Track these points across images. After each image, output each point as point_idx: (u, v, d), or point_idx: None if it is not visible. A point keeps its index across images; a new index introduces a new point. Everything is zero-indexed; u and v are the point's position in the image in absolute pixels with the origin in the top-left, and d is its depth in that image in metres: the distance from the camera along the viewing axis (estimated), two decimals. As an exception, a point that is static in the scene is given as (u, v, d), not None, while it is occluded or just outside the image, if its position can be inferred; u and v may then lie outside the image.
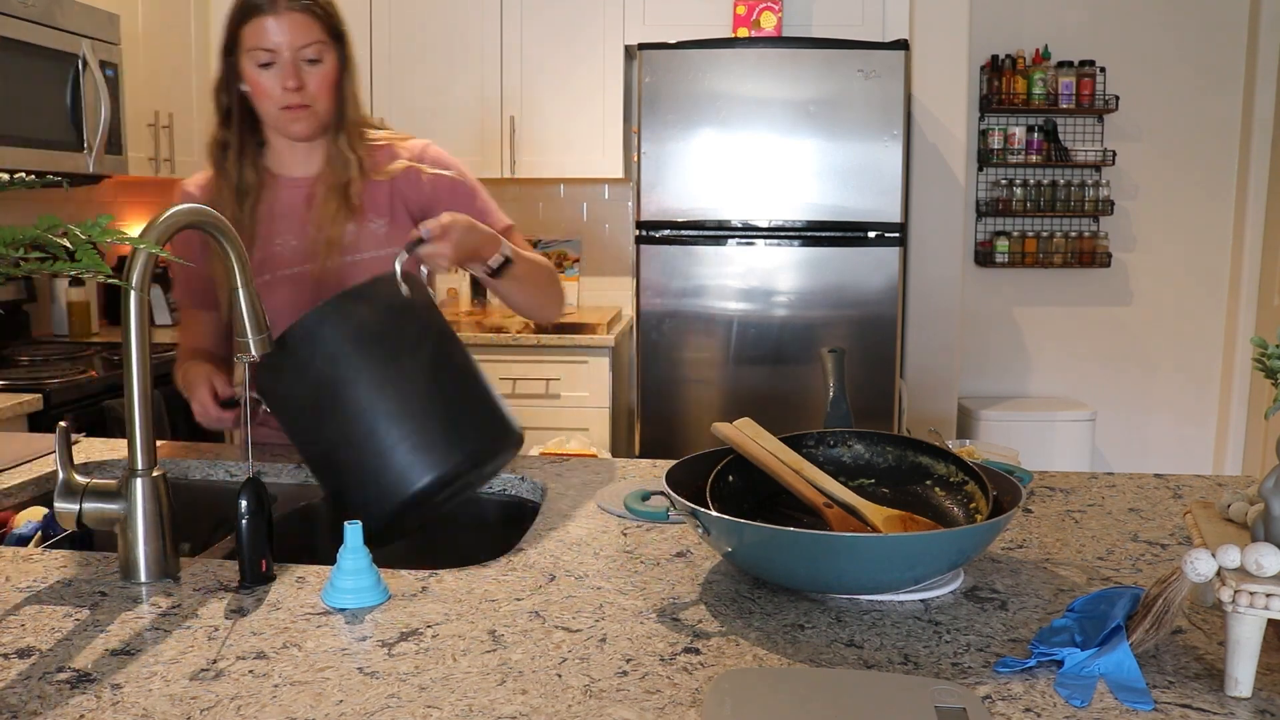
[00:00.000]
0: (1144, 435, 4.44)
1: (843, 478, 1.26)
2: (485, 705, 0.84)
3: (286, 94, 1.56)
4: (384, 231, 1.65)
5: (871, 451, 1.30)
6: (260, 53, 1.54)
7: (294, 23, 1.54)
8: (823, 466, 1.27)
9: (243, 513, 1.09)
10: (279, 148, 1.68)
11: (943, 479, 1.24)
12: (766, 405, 3.31)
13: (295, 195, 1.67)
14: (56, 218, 0.97)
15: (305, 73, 1.56)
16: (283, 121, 1.59)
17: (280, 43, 1.54)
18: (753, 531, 1.04)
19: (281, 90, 1.56)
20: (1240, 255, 4.22)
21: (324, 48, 1.57)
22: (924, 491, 1.25)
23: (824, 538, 1.04)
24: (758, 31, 3.49)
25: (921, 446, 1.27)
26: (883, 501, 1.23)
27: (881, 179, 3.22)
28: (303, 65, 1.56)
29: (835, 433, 1.31)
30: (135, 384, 1.11)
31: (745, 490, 1.23)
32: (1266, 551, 0.84)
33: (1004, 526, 1.07)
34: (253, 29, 1.54)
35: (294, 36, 1.54)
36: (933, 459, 1.26)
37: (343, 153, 1.63)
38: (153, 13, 3.37)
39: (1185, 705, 0.85)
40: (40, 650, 0.95)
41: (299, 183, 1.67)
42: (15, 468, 1.60)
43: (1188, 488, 1.54)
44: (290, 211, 1.66)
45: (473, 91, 3.69)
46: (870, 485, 1.27)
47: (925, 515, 1.20)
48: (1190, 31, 4.16)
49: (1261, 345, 0.94)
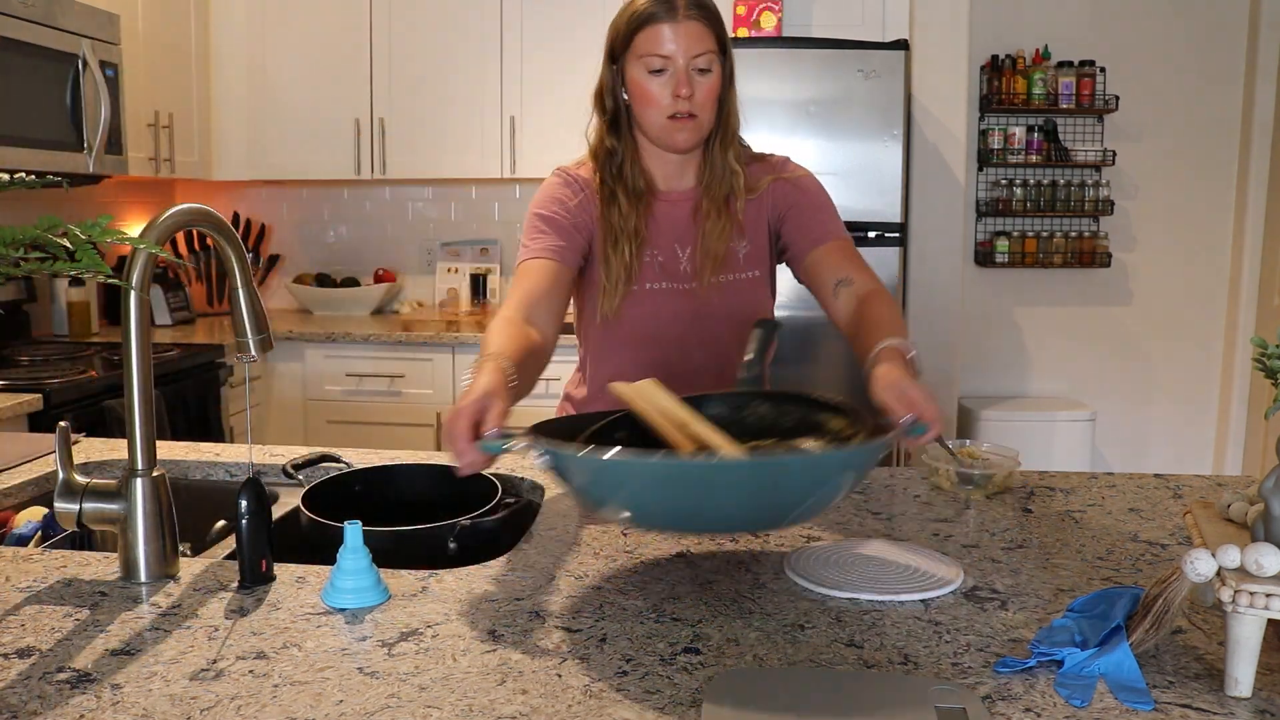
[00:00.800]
0: (1144, 435, 4.44)
1: (746, 438, 1.21)
2: (485, 705, 0.84)
3: (677, 102, 1.51)
4: (746, 252, 1.62)
5: (777, 411, 1.26)
6: (654, 59, 1.51)
7: (691, 31, 1.50)
8: (727, 427, 1.21)
9: (243, 513, 1.09)
10: (650, 162, 1.63)
11: (836, 434, 1.19)
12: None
13: (675, 209, 1.62)
14: (56, 218, 0.97)
15: (695, 82, 1.52)
16: (668, 130, 1.54)
17: (675, 50, 1.50)
18: (585, 463, 0.99)
19: (672, 98, 1.51)
20: (1240, 255, 4.22)
21: (714, 58, 1.53)
22: (816, 446, 1.20)
23: (657, 464, 0.99)
24: (757, 31, 3.49)
25: (823, 405, 1.23)
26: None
27: (881, 179, 3.22)
28: (693, 74, 1.52)
29: (739, 394, 1.29)
30: (135, 384, 1.11)
31: (635, 445, 1.17)
32: (1266, 551, 0.84)
33: (856, 456, 1.03)
34: (649, 35, 1.51)
35: (690, 45, 1.50)
36: (830, 414, 1.21)
37: (729, 165, 1.60)
38: (153, 13, 3.37)
39: (1185, 705, 0.85)
40: (40, 650, 0.95)
41: (676, 196, 1.63)
42: (15, 468, 1.60)
43: (1188, 488, 1.54)
44: (669, 226, 1.62)
45: (473, 91, 3.69)
46: (770, 445, 1.23)
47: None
48: (1190, 31, 4.16)
49: (1261, 345, 0.94)
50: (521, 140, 3.69)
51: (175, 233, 1.13)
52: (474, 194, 4.13)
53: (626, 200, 1.57)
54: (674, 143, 1.56)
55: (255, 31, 3.75)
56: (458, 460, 1.07)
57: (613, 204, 1.58)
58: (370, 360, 3.53)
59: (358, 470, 1.48)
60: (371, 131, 3.74)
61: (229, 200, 4.21)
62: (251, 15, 3.74)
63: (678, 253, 1.61)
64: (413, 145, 3.74)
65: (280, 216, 4.23)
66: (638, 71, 1.52)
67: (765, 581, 1.12)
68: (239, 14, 3.74)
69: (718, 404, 1.27)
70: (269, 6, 3.74)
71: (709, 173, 1.60)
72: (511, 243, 4.11)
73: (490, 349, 1.25)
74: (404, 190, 4.15)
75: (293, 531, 1.34)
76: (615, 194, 1.58)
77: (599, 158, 1.61)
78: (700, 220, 1.60)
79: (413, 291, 4.17)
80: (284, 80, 3.77)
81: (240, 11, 3.74)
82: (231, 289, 1.19)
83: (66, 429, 1.14)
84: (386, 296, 4.06)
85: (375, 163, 3.76)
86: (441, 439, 1.23)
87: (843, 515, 1.38)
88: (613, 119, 1.60)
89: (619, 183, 1.58)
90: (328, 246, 4.22)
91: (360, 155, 3.76)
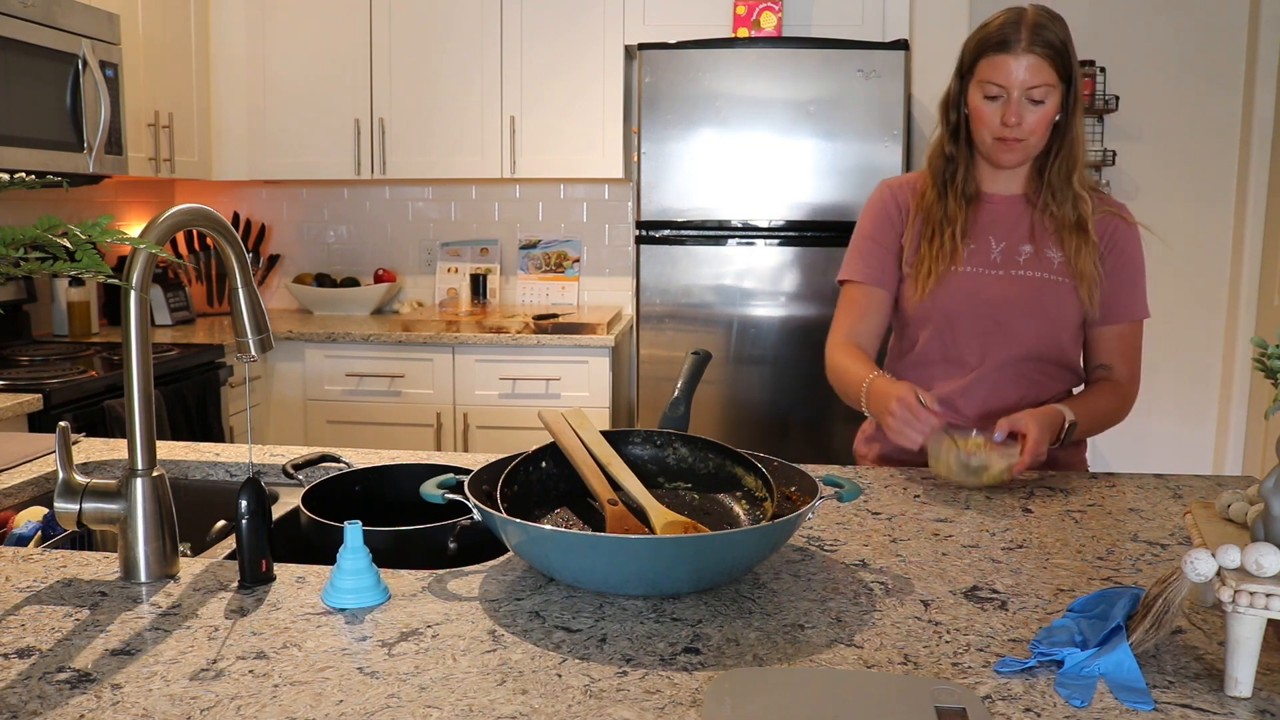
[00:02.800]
0: (1144, 435, 4.44)
1: (663, 478, 1.28)
2: (485, 705, 0.84)
3: (1003, 128, 1.63)
4: (1058, 262, 1.69)
5: (695, 457, 1.31)
6: (990, 86, 1.62)
7: (1031, 65, 1.59)
8: (647, 465, 1.29)
9: (242, 513, 1.09)
10: (981, 171, 1.75)
11: (749, 492, 1.25)
12: (766, 405, 3.31)
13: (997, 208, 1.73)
14: (56, 218, 0.97)
15: (1026, 110, 1.62)
16: (994, 150, 1.67)
17: (1011, 82, 1.60)
18: (502, 522, 1.06)
19: (1000, 124, 1.63)
20: (1240, 255, 4.22)
21: (1050, 90, 1.61)
22: (731, 502, 1.26)
23: (553, 534, 1.07)
24: (758, 31, 3.49)
25: (739, 458, 1.27)
26: (690, 507, 1.25)
27: (881, 179, 3.22)
28: (1025, 104, 1.62)
29: (662, 434, 1.32)
30: (135, 384, 1.11)
31: (559, 477, 1.26)
32: (1266, 551, 0.84)
33: (740, 541, 1.05)
34: (991, 63, 1.62)
35: (1027, 78, 1.60)
36: (745, 471, 1.26)
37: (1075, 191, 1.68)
38: (153, 13, 3.37)
39: (1185, 705, 0.85)
40: (40, 650, 0.95)
41: (998, 199, 1.74)
42: (15, 468, 1.60)
43: (1188, 488, 1.54)
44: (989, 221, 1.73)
45: (473, 91, 3.69)
46: (686, 490, 1.29)
47: (721, 526, 1.21)
48: (1190, 31, 4.16)
49: (1261, 345, 0.94)
50: (521, 140, 3.69)
51: (175, 233, 1.13)
52: (474, 194, 4.13)
53: (955, 202, 1.71)
54: (998, 161, 1.69)
55: (255, 31, 3.75)
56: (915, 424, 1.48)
57: (940, 202, 1.72)
58: (370, 360, 3.53)
59: (358, 470, 1.47)
60: (371, 131, 3.74)
61: (229, 200, 4.21)
62: (251, 15, 3.75)
63: (991, 244, 1.72)
64: (413, 145, 3.74)
65: (280, 216, 4.23)
66: (975, 93, 1.65)
67: (765, 581, 1.12)
68: (239, 14, 3.74)
69: (642, 443, 1.32)
70: (269, 6, 3.74)
71: (1047, 193, 1.70)
72: (512, 243, 4.12)
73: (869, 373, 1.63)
74: (404, 190, 4.15)
75: (293, 531, 1.34)
76: (945, 195, 1.72)
77: (934, 163, 1.75)
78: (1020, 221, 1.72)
79: (413, 291, 4.17)
80: (284, 80, 3.77)
81: (240, 11, 3.74)
82: (231, 289, 1.19)
83: (66, 429, 1.14)
84: (386, 296, 4.06)
85: (375, 163, 3.76)
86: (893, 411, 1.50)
87: (843, 515, 1.38)
88: (954, 129, 1.73)
89: (951, 187, 1.72)
90: (328, 246, 4.22)
91: (360, 155, 3.76)
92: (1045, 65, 1.59)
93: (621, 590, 1.06)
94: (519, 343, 3.46)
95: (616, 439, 1.29)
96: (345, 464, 1.54)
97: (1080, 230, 1.67)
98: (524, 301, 4.10)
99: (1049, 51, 1.60)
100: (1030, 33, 1.59)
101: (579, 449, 1.24)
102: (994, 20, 1.63)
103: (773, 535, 1.08)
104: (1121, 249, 1.71)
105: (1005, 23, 1.61)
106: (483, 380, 3.50)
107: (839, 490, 1.15)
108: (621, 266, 4.08)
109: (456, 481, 1.17)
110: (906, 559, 1.21)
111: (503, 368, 3.48)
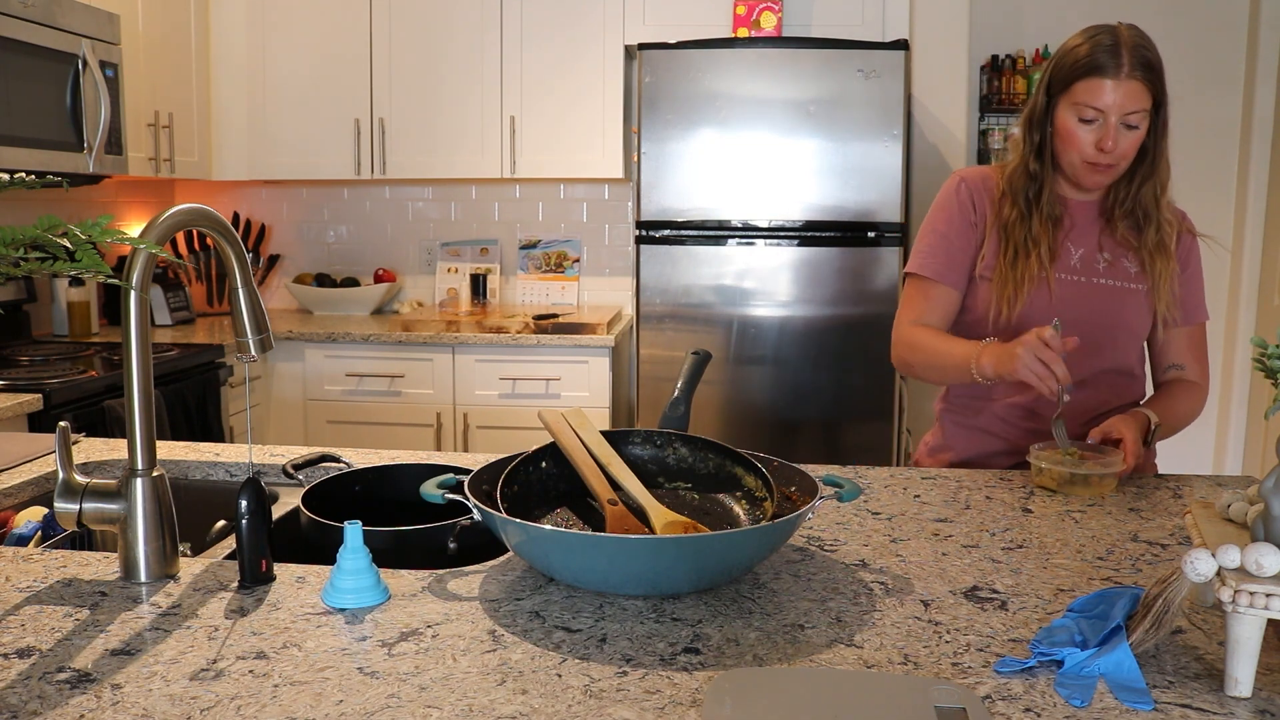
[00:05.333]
0: (1144, 435, 4.43)
1: (663, 478, 1.29)
2: (485, 705, 0.84)
3: (1099, 154, 1.60)
4: (1134, 270, 1.70)
5: (695, 456, 1.31)
6: (1087, 109, 1.58)
7: (1129, 90, 1.56)
8: (647, 465, 1.29)
9: (242, 513, 1.09)
10: (1064, 189, 1.72)
11: (750, 492, 1.25)
12: (766, 405, 3.31)
13: (1078, 215, 1.72)
14: (56, 218, 0.97)
15: (1120, 136, 1.59)
16: (1083, 172, 1.64)
17: (1110, 106, 1.56)
18: (502, 522, 1.06)
19: (1094, 149, 1.60)
20: (1240, 255, 4.22)
21: (1144, 115, 1.59)
22: (731, 502, 1.26)
23: (553, 534, 1.07)
24: (758, 31, 3.49)
25: (739, 458, 1.27)
26: (690, 507, 1.25)
27: (881, 179, 3.22)
28: (1121, 130, 1.58)
29: (662, 434, 1.32)
30: (135, 384, 1.11)
31: (559, 477, 1.26)
32: (1266, 551, 0.84)
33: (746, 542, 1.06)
34: (1088, 86, 1.57)
35: (1125, 103, 1.56)
36: (745, 471, 1.26)
37: (1164, 215, 1.68)
38: (153, 13, 3.37)
39: (1185, 705, 0.85)
40: (40, 650, 0.95)
41: (1078, 208, 1.72)
42: (15, 468, 1.60)
43: (1188, 488, 1.54)
44: (1072, 227, 1.71)
45: (473, 91, 3.69)
46: (686, 490, 1.29)
47: (721, 526, 1.21)
48: (1190, 31, 4.16)
49: (1261, 345, 0.94)
50: (521, 140, 3.69)
51: (175, 233, 1.13)
52: (474, 194, 4.13)
53: (1040, 224, 1.67)
54: (1086, 183, 1.66)
55: (255, 31, 3.75)
56: (1052, 367, 1.44)
57: (1024, 224, 1.67)
58: (370, 360, 3.53)
59: (358, 470, 1.47)
60: (371, 131, 3.74)
61: (229, 200, 4.21)
62: (251, 15, 3.75)
63: (1070, 250, 1.70)
64: (413, 145, 3.74)
65: (280, 216, 4.23)
66: (1068, 114, 1.61)
67: (765, 581, 1.12)
68: (239, 14, 3.74)
69: (642, 443, 1.32)
70: (269, 6, 3.74)
71: (1137, 213, 1.68)
72: (512, 243, 4.12)
73: (968, 344, 1.60)
74: (404, 190, 4.15)
75: (293, 531, 1.34)
76: (1029, 215, 1.68)
77: (1016, 182, 1.69)
78: (1095, 228, 1.70)
79: (413, 291, 4.17)
80: (284, 80, 3.77)
81: (240, 11, 3.74)
82: (231, 289, 1.19)
83: (66, 429, 1.14)
84: (386, 296, 4.06)
85: (375, 163, 3.76)
86: (1030, 356, 1.45)
87: (843, 515, 1.38)
88: (1038, 147, 1.68)
89: (1036, 208, 1.68)
90: (328, 246, 4.22)
91: (360, 155, 3.76)
92: (1144, 90, 1.56)
93: (621, 590, 1.06)
94: (519, 343, 3.46)
95: (616, 439, 1.29)
96: (345, 464, 1.54)
97: (1163, 252, 1.67)
98: (524, 301, 4.10)
99: (1149, 75, 1.56)
100: (1131, 55, 1.55)
101: (579, 449, 1.25)
102: (1088, 39, 1.58)
103: (773, 535, 1.08)
104: (1187, 258, 1.73)
105: (1103, 45, 1.56)
106: (483, 380, 3.50)
107: (839, 490, 1.15)
108: (621, 266, 4.08)
109: (456, 481, 1.17)
110: (906, 559, 1.21)
111: (503, 368, 3.48)
